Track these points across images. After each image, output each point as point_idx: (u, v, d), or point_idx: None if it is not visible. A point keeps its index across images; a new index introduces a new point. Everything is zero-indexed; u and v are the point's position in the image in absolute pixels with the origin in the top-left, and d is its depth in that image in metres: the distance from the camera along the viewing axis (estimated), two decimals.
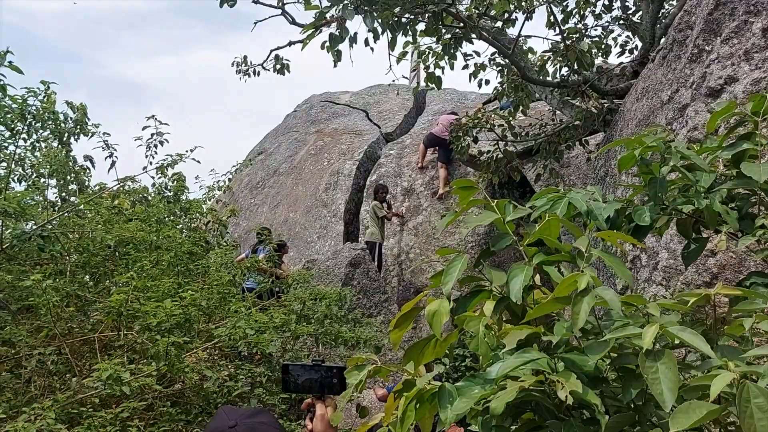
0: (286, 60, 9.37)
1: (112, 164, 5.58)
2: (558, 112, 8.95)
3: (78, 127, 7.76)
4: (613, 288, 3.28)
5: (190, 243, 4.79)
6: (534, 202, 2.16)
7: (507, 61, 8.79)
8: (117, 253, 4.24)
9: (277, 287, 5.85)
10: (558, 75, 7.48)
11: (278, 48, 9.14)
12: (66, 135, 7.64)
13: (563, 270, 1.74)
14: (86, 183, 6.79)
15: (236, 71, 9.55)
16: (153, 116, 4.97)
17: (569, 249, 1.74)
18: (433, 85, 7.33)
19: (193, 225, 6.23)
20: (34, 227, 3.64)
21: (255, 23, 8.57)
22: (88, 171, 7.28)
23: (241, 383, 3.58)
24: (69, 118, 7.74)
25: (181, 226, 5.44)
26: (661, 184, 2.28)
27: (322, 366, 2.02)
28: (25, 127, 4.35)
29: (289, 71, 9.41)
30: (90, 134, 7.40)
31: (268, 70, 9.38)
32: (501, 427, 1.49)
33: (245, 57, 9.50)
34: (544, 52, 7.49)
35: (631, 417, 1.38)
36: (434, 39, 6.69)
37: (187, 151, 5.03)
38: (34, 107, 4.41)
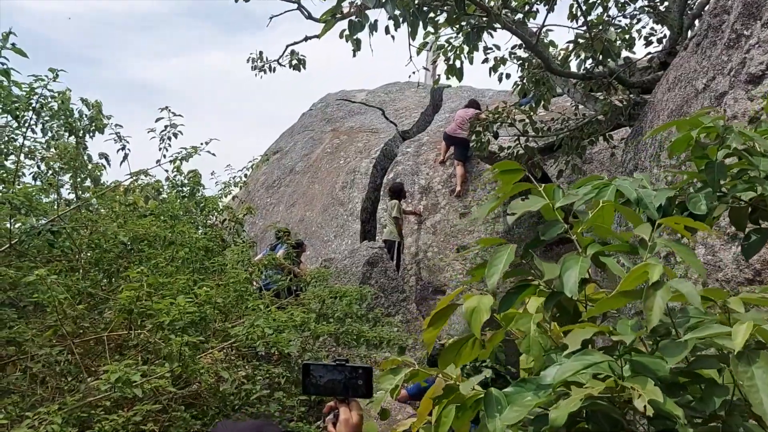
0: (302, 56, 9.23)
1: (125, 157, 5.44)
2: (581, 106, 8.71)
3: (93, 124, 7.68)
4: None
5: (206, 239, 4.63)
6: (577, 190, 1.97)
7: (528, 54, 8.58)
8: (131, 250, 4.10)
9: (295, 286, 5.68)
10: (582, 67, 7.24)
11: (294, 43, 9.00)
12: (81, 132, 7.56)
13: (623, 262, 1.55)
14: (101, 180, 6.67)
15: (252, 67, 9.42)
16: (167, 107, 4.83)
17: (629, 238, 1.55)
18: (454, 78, 7.13)
19: (208, 222, 6.08)
20: (44, 222, 3.51)
21: (271, 18, 8.42)
22: (103, 168, 7.18)
23: (260, 385, 3.40)
24: (84, 115, 7.66)
25: (196, 222, 5.29)
26: (719, 168, 2.07)
27: (346, 366, 1.84)
28: (33, 116, 4.22)
29: (305, 67, 9.26)
30: (103, 128, 7.29)
31: (284, 66, 9.24)
32: None
33: (261, 53, 9.36)
34: (569, 42, 7.26)
35: (715, 430, 1.18)
36: (456, 30, 6.49)
37: (201, 143, 4.89)
38: (41, 96, 4.28)
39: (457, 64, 7.07)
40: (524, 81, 8.77)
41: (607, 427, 1.41)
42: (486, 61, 8.50)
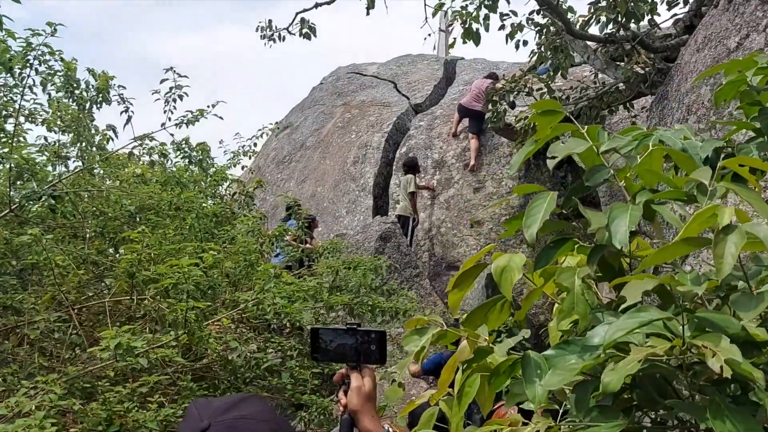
0: (312, 23, 9.00)
1: (128, 120, 5.28)
2: (601, 74, 8.42)
3: (100, 95, 7.53)
4: None
5: (215, 207, 4.48)
6: (622, 136, 1.78)
7: (546, 20, 8.29)
8: (138, 219, 3.95)
9: (307, 257, 5.52)
10: (604, 31, 6.95)
11: (304, 10, 8.77)
12: (88, 103, 7.42)
13: (679, 211, 1.37)
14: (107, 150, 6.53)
15: (261, 37, 9.20)
16: (171, 68, 4.64)
17: (683, 183, 1.37)
18: (471, 42, 6.88)
19: (216, 192, 5.93)
20: (46, 187, 3.36)
21: None
22: (110, 139, 7.04)
23: (271, 356, 3.26)
24: (91, 86, 7.51)
25: (204, 192, 5.13)
26: None
27: (357, 330, 1.69)
28: (32, 72, 4.06)
29: (315, 35, 9.03)
30: (110, 100, 7.14)
31: (294, 34, 9.02)
32: (608, 409, 1.14)
33: (270, 21, 9.13)
34: (590, 4, 6.97)
35: None
36: None
37: (208, 106, 4.71)
38: (40, 51, 4.10)
39: (474, 27, 6.82)
40: (542, 48, 8.49)
41: (655, 394, 1.24)
42: (502, 27, 8.22)
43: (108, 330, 2.40)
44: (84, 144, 5.67)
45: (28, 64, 3.92)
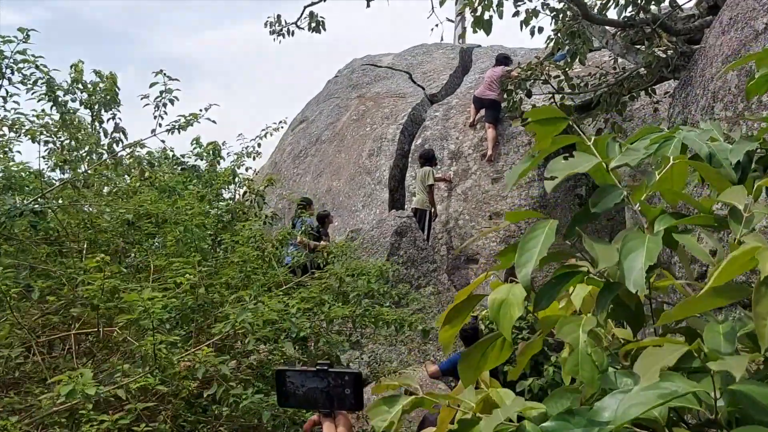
0: (321, 17, 8.79)
1: (116, 127, 5.10)
2: (620, 59, 8.10)
3: (108, 97, 7.39)
4: None
5: (216, 215, 4.28)
6: (635, 144, 1.54)
7: (562, 4, 7.97)
8: (133, 230, 3.77)
9: (321, 260, 5.33)
10: (623, 15, 6.63)
11: (312, 3, 8.56)
12: (97, 106, 7.29)
13: (707, 241, 1.14)
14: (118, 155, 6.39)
15: (270, 32, 9.03)
16: (161, 71, 4.44)
17: (711, 205, 1.13)
18: (482, 31, 6.60)
19: (220, 196, 5.73)
20: (28, 202, 3.20)
21: None
22: (120, 142, 6.90)
23: (252, 391, 3.02)
24: (98, 88, 7.37)
25: (205, 197, 4.94)
26: None
27: (329, 372, 1.48)
28: (4, 81, 3.87)
29: (324, 29, 8.83)
30: (119, 102, 7.00)
31: (303, 28, 8.83)
32: None
33: (278, 16, 8.95)
34: None
35: None
36: None
37: (201, 110, 4.49)
38: (12, 60, 3.91)
39: (486, 15, 6.54)
40: (558, 34, 8.18)
41: None
42: (517, 14, 7.93)
43: (62, 375, 2.21)
44: (87, 150, 5.52)
45: (0, 73, 3.76)
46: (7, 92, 3.94)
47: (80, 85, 7.03)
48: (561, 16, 8.15)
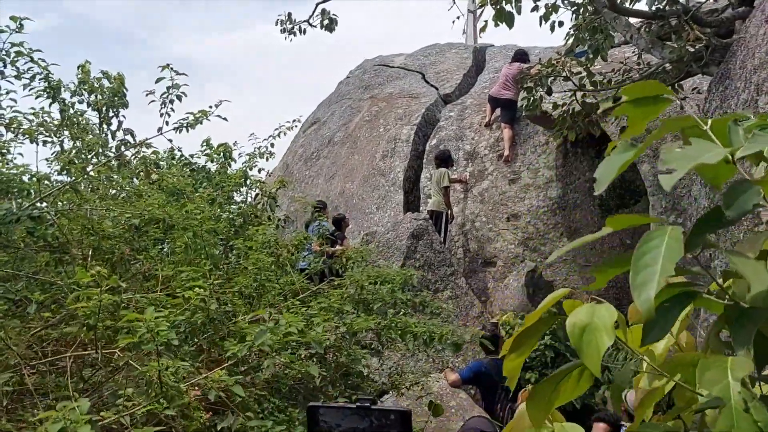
0: (333, 15, 8.57)
1: (119, 125, 4.89)
2: (645, 55, 7.79)
3: (116, 98, 7.19)
4: None
5: (228, 219, 4.04)
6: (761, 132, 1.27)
7: None
8: (140, 236, 3.54)
9: (339, 266, 5.07)
10: (654, 5, 6.34)
11: (324, 1, 8.33)
12: (104, 107, 7.09)
13: None
14: (126, 158, 6.17)
15: (281, 30, 8.82)
16: (168, 65, 4.20)
17: None
18: (503, 24, 6.34)
19: (235, 198, 5.50)
20: (24, 206, 2.98)
21: None
22: (129, 144, 6.70)
23: (271, 422, 2.77)
24: (105, 89, 7.18)
25: (214, 200, 4.70)
26: None
27: (372, 409, 1.22)
28: None
29: (336, 26, 8.61)
30: (127, 103, 6.82)
31: (315, 26, 8.61)
32: None
33: (289, 14, 8.74)
34: None
35: None
36: None
37: (211, 107, 4.25)
38: (5, 52, 3.68)
39: (507, 8, 6.28)
40: (578, 30, 7.89)
41: None
42: (536, 9, 7.66)
43: (50, 412, 1.96)
44: (94, 152, 5.31)
45: None
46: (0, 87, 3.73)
47: (87, 86, 6.86)
48: (581, 10, 7.88)
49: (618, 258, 0.89)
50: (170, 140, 4.01)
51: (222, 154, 6.98)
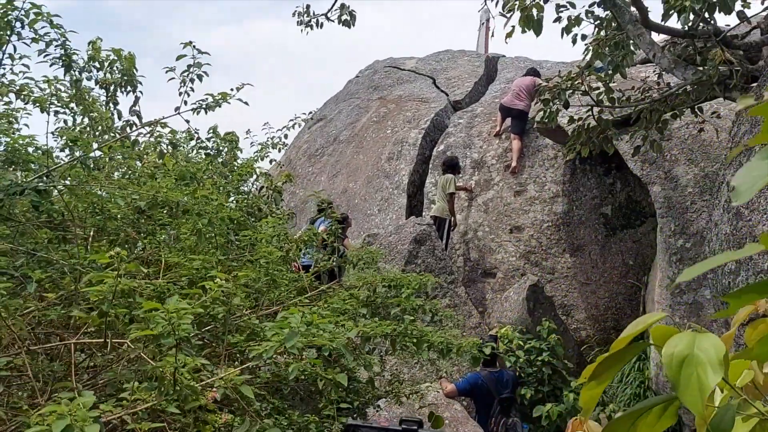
0: (352, 10, 8.43)
1: (136, 100, 4.74)
2: (665, 75, 7.68)
3: (125, 78, 7.02)
4: None
5: (236, 208, 3.86)
6: None
7: (606, 13, 7.59)
8: (146, 218, 3.36)
9: (338, 266, 4.92)
10: (687, 22, 6.21)
11: None
12: (113, 86, 6.92)
13: None
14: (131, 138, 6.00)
15: (297, 23, 8.67)
16: (190, 42, 4.02)
17: None
18: (531, 32, 6.21)
19: (241, 189, 5.34)
20: (30, 179, 2.81)
21: None
22: (134, 126, 6.54)
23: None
24: (115, 68, 7.00)
25: (226, 189, 4.55)
26: None
27: None
28: (14, 38, 3.47)
29: (354, 23, 8.47)
30: (137, 84, 6.67)
31: (333, 21, 8.47)
32: None
33: (308, 7, 8.59)
34: None
35: None
36: None
37: (232, 89, 4.07)
38: (23, 11, 3.49)
39: (535, 15, 6.15)
40: (598, 44, 7.78)
41: None
42: (558, 20, 7.54)
43: (51, 406, 1.78)
44: (101, 130, 5.14)
45: (9, 27, 3.35)
46: (15, 48, 3.53)
47: (97, 63, 6.69)
48: (604, 24, 7.78)
49: (755, 285, 0.76)
50: (187, 120, 3.86)
51: (230, 142, 6.82)
